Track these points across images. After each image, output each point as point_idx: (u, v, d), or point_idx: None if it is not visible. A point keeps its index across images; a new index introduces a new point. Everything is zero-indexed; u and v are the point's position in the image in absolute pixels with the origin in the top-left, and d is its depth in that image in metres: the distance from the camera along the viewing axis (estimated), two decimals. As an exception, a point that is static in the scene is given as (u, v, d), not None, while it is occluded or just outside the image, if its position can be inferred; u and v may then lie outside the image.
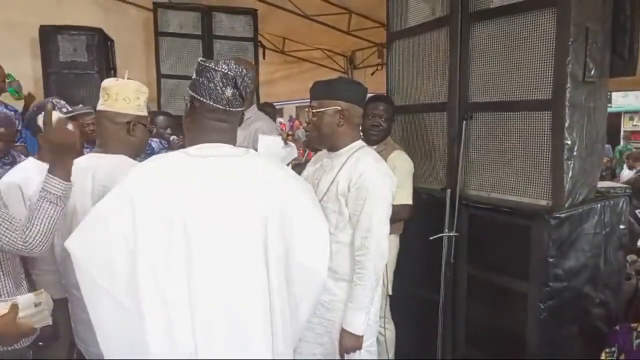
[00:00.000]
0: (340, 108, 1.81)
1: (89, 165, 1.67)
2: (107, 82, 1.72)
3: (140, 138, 1.77)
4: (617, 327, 2.29)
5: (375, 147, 2.44)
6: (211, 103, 1.25)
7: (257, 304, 1.23)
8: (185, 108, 1.33)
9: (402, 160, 2.45)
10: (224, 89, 1.24)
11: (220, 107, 1.26)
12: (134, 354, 1.13)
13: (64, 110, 2.16)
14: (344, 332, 1.78)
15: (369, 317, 1.80)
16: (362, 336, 1.78)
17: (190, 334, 1.15)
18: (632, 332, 2.26)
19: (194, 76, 1.28)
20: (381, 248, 1.77)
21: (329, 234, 1.43)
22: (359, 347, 1.80)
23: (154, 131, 3.44)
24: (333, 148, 1.90)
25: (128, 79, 1.73)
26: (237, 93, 1.26)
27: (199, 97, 1.26)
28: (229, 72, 1.24)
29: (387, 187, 1.80)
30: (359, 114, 1.90)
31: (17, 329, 1.31)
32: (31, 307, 1.33)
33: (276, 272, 1.25)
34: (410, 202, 2.42)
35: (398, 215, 2.30)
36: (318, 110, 1.84)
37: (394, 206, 1.97)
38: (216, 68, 1.25)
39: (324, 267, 1.37)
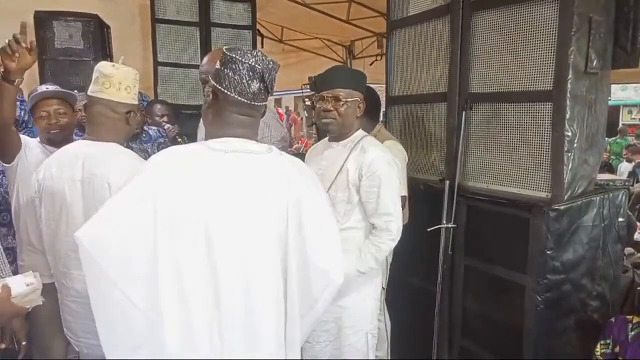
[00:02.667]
0: (359, 100, 1.94)
1: (78, 153, 1.65)
2: (106, 69, 1.67)
3: (134, 126, 1.79)
4: (613, 319, 2.29)
5: None
6: (236, 96, 1.19)
7: (273, 307, 1.20)
8: (206, 99, 1.26)
9: (394, 151, 2.42)
10: (250, 82, 1.19)
11: (245, 100, 1.20)
12: (140, 351, 1.09)
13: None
14: None
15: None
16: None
17: (207, 335, 1.12)
18: (628, 324, 2.26)
19: (217, 66, 1.21)
20: (400, 228, 1.92)
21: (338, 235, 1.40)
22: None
23: (150, 120, 3.42)
24: (341, 137, 1.97)
25: (122, 64, 1.71)
26: (263, 87, 1.21)
27: (222, 89, 1.20)
28: (256, 65, 1.18)
29: (394, 174, 1.93)
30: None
31: (11, 308, 1.29)
32: (23, 287, 1.31)
33: (295, 275, 1.22)
34: (404, 193, 2.40)
35: None
36: (347, 99, 1.92)
37: None
38: (243, 60, 1.18)
39: (340, 271, 1.33)
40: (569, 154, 2.08)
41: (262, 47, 5.79)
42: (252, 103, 1.22)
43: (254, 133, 1.28)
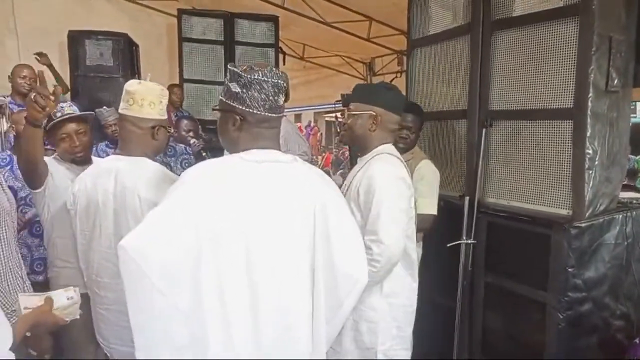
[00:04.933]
0: (374, 114, 1.84)
1: (111, 167, 1.72)
2: (131, 86, 1.73)
3: (162, 140, 1.82)
4: (637, 340, 2.25)
5: (402, 156, 2.43)
6: (265, 113, 1.27)
7: (303, 310, 1.25)
8: (232, 123, 1.28)
9: (429, 171, 2.43)
10: (276, 97, 1.27)
11: (275, 115, 1.29)
12: (182, 354, 1.14)
13: (60, 114, 2.17)
14: None
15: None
16: None
17: (246, 337, 1.18)
18: None
19: (236, 90, 1.26)
20: (387, 256, 1.69)
21: (362, 240, 1.44)
22: None
23: (172, 133, 3.52)
24: (363, 151, 1.93)
25: (149, 80, 1.76)
26: (284, 98, 1.30)
27: (251, 110, 1.26)
28: (279, 81, 1.27)
29: (395, 189, 1.75)
30: (394, 121, 1.90)
31: (53, 319, 1.36)
32: (64, 300, 1.39)
33: (322, 280, 1.27)
34: (434, 212, 2.39)
35: (421, 225, 2.29)
36: (353, 112, 1.89)
37: (417, 215, 1.95)
38: (265, 79, 1.25)
39: (365, 274, 1.38)
40: (590, 172, 2.08)
41: (284, 64, 5.90)
42: (279, 115, 1.31)
43: (278, 144, 1.35)
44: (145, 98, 1.71)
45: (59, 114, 2.16)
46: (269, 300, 1.20)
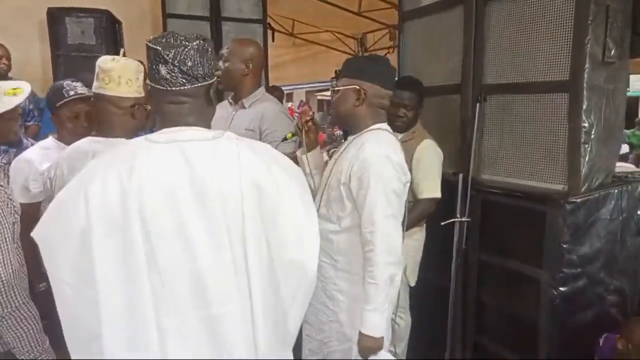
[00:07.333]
0: (357, 87, 1.69)
1: (88, 150, 1.63)
2: (106, 64, 1.62)
3: (141, 119, 1.73)
4: (600, 341, 2.18)
5: (402, 135, 2.35)
6: (152, 84, 1.14)
7: (235, 310, 1.11)
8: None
9: (430, 152, 2.32)
10: (157, 67, 1.11)
11: (161, 87, 1.12)
12: (92, 346, 1.06)
13: (74, 92, 2.06)
14: (362, 336, 1.62)
15: (386, 315, 1.65)
16: (382, 337, 1.63)
17: (154, 337, 1.06)
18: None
19: None
20: (389, 243, 1.60)
21: (317, 223, 1.25)
22: (380, 348, 1.64)
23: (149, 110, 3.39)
24: (352, 130, 1.80)
25: (123, 57, 1.67)
26: (174, 69, 1.10)
27: (148, 82, 1.17)
28: (157, 47, 1.10)
29: (391, 176, 1.62)
30: (382, 95, 1.73)
31: None
32: None
33: (258, 272, 1.12)
34: (436, 195, 2.29)
35: (426, 210, 2.29)
36: (337, 88, 1.76)
37: (420, 200, 1.84)
38: (150, 45, 1.11)
39: (315, 261, 1.20)
40: (586, 146, 2.04)
41: (273, 41, 5.77)
42: (169, 89, 1.12)
43: (199, 120, 1.17)
44: (122, 75, 1.61)
45: (72, 92, 2.05)
46: (180, 299, 1.07)
